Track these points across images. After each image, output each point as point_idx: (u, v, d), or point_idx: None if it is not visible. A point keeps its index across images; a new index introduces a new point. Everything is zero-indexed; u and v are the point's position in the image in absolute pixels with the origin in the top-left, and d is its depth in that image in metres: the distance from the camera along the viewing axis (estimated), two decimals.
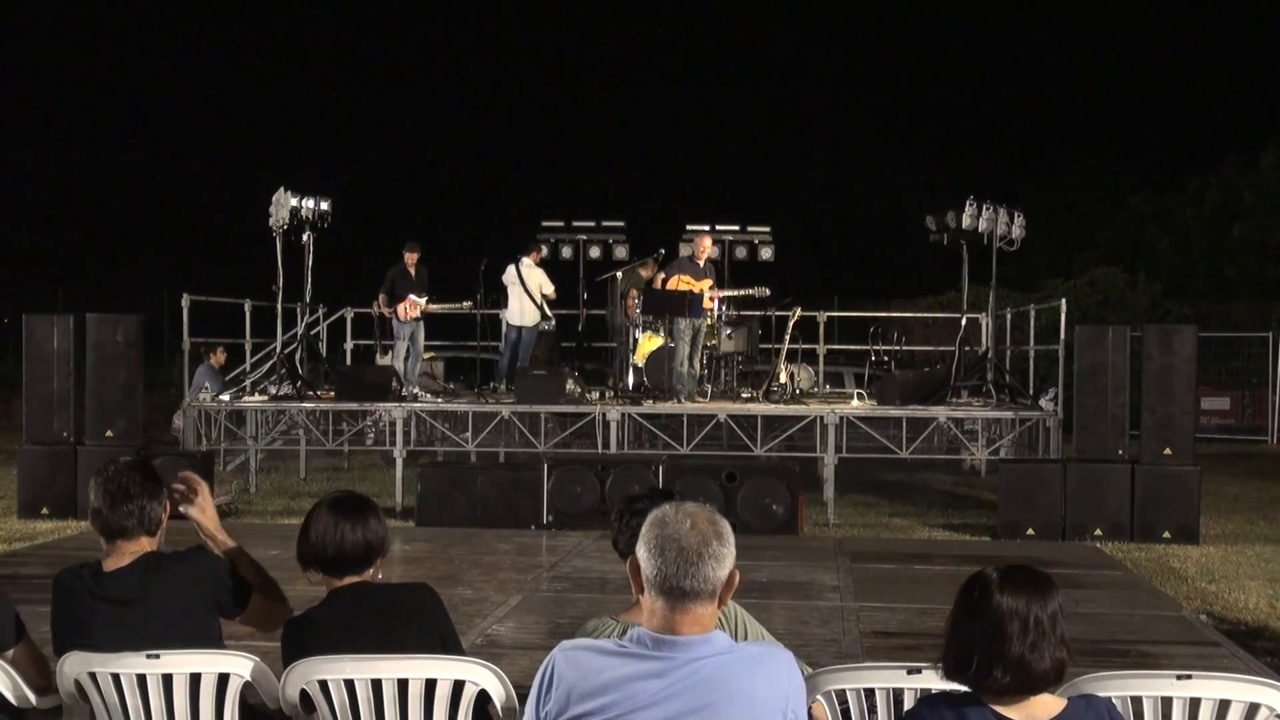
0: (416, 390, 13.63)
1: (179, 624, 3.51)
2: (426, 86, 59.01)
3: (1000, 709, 2.56)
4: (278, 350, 13.82)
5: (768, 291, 13.58)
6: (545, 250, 14.93)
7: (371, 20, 63.87)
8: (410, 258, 14.01)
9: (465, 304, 14.26)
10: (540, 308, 14.48)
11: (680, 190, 43.45)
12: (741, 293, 13.19)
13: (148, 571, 3.58)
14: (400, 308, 13.89)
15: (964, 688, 2.63)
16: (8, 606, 3.61)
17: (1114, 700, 2.93)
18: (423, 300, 14.02)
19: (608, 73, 60.16)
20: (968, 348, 13.81)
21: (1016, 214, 13.11)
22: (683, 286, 12.84)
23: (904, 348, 17.26)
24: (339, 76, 59.62)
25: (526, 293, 14.36)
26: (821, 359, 15.96)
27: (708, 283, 12.74)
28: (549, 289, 14.46)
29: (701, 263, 12.89)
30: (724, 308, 13.81)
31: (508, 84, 60.96)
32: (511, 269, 14.42)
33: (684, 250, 14.25)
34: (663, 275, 13.08)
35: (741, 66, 61.14)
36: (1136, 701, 3.17)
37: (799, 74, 60.98)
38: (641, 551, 2.60)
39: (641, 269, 14.34)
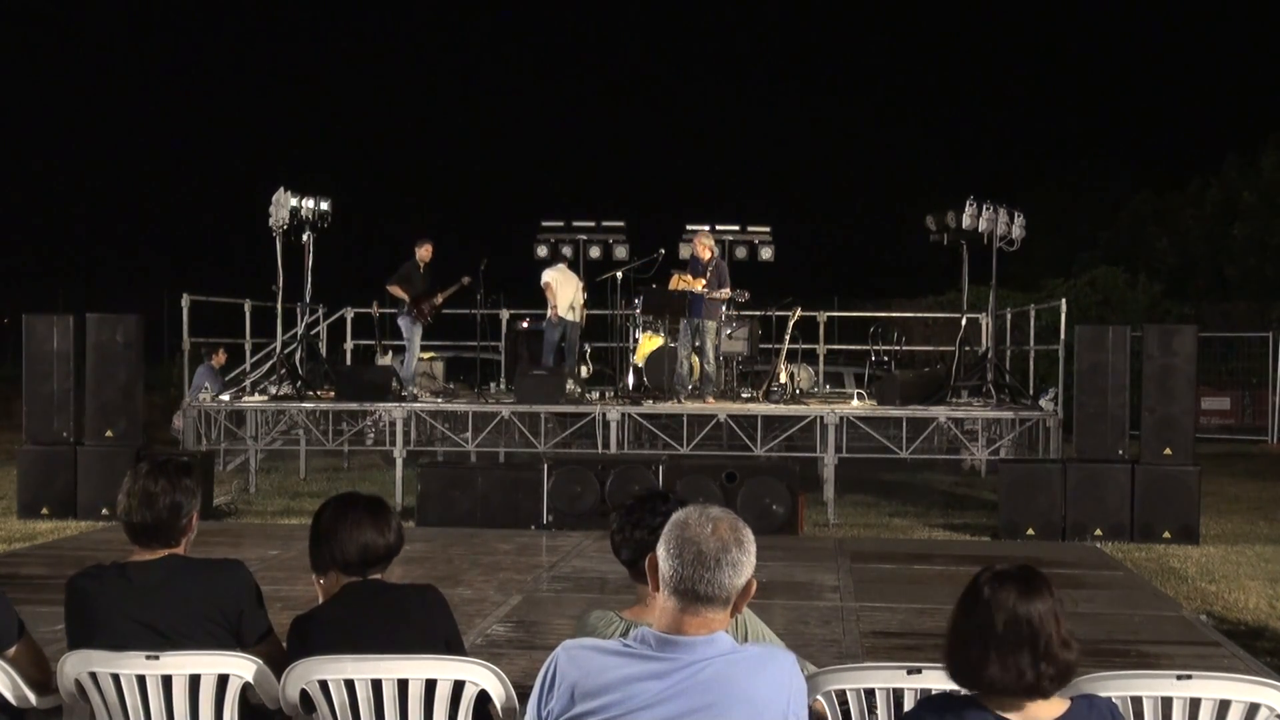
0: (416, 390, 13.65)
1: (193, 630, 3.51)
2: (427, 87, 59.03)
3: (1001, 712, 2.56)
4: (278, 350, 13.82)
5: (746, 295, 13.63)
6: (566, 251, 14.92)
7: (371, 21, 63.90)
8: (423, 253, 14.07)
9: (465, 279, 14.29)
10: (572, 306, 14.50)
11: (680, 190, 43.49)
12: (721, 294, 13.04)
13: (174, 571, 3.58)
14: (423, 308, 13.98)
15: (967, 689, 2.63)
16: (7, 605, 3.61)
17: (1114, 700, 2.92)
18: (437, 301, 14.14)
19: (608, 73, 60.19)
20: (968, 348, 13.82)
21: (1016, 214, 13.11)
22: (682, 286, 12.89)
23: (904, 348, 17.26)
24: (339, 76, 59.65)
25: (575, 291, 14.33)
26: (821, 359, 15.97)
27: (700, 282, 12.75)
28: (583, 294, 14.50)
29: (704, 260, 12.87)
30: (724, 308, 13.80)
31: (508, 84, 61.00)
32: (560, 270, 14.37)
33: (684, 250, 14.27)
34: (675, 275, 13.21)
35: (742, 67, 61.17)
36: (1136, 701, 3.17)
37: (799, 74, 61.00)
38: (661, 551, 2.61)
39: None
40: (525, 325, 15.23)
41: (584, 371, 14.49)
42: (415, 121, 56.59)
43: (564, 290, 14.23)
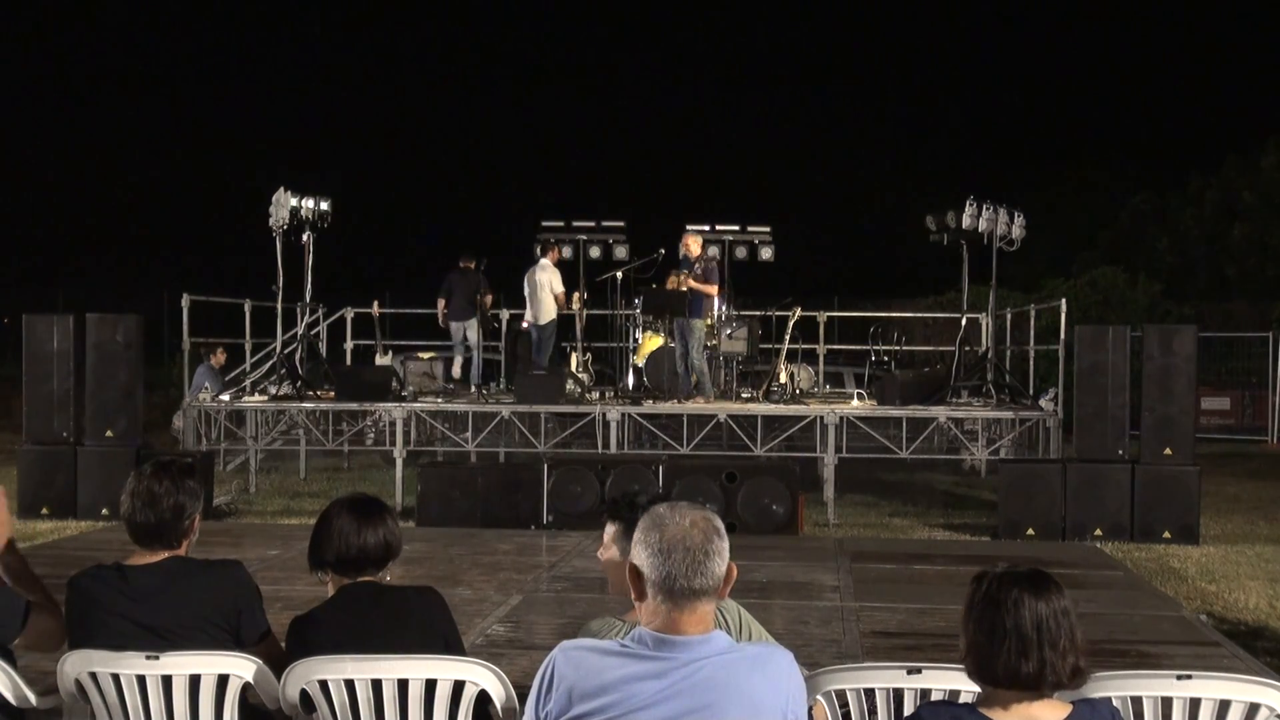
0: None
1: (193, 633, 3.51)
2: (426, 87, 59.04)
3: (1001, 715, 2.56)
4: (278, 350, 13.82)
5: (736, 313, 13.96)
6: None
7: (372, 20, 63.90)
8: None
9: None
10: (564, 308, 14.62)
11: (680, 190, 43.47)
12: (706, 289, 12.94)
13: (174, 573, 3.58)
14: None
15: (973, 689, 2.63)
16: (13, 598, 3.61)
17: (1114, 700, 2.93)
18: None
19: (608, 73, 60.19)
20: (968, 348, 13.80)
21: (1016, 214, 13.11)
22: (676, 284, 12.94)
23: (904, 348, 17.27)
24: (339, 76, 59.66)
25: (540, 292, 14.47)
26: (821, 359, 15.96)
27: (688, 277, 12.77)
28: (559, 289, 14.54)
29: (694, 256, 12.89)
30: (724, 308, 13.81)
31: (508, 84, 61.00)
32: (532, 269, 14.54)
33: (684, 250, 14.26)
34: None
35: (742, 66, 61.15)
36: (1136, 701, 3.17)
37: (800, 74, 60.99)
38: (643, 555, 2.60)
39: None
40: (525, 325, 15.24)
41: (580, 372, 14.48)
42: (415, 121, 56.60)
43: (530, 293, 14.50)
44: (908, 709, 3.17)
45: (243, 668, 3.40)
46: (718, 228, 15.07)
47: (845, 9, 62.79)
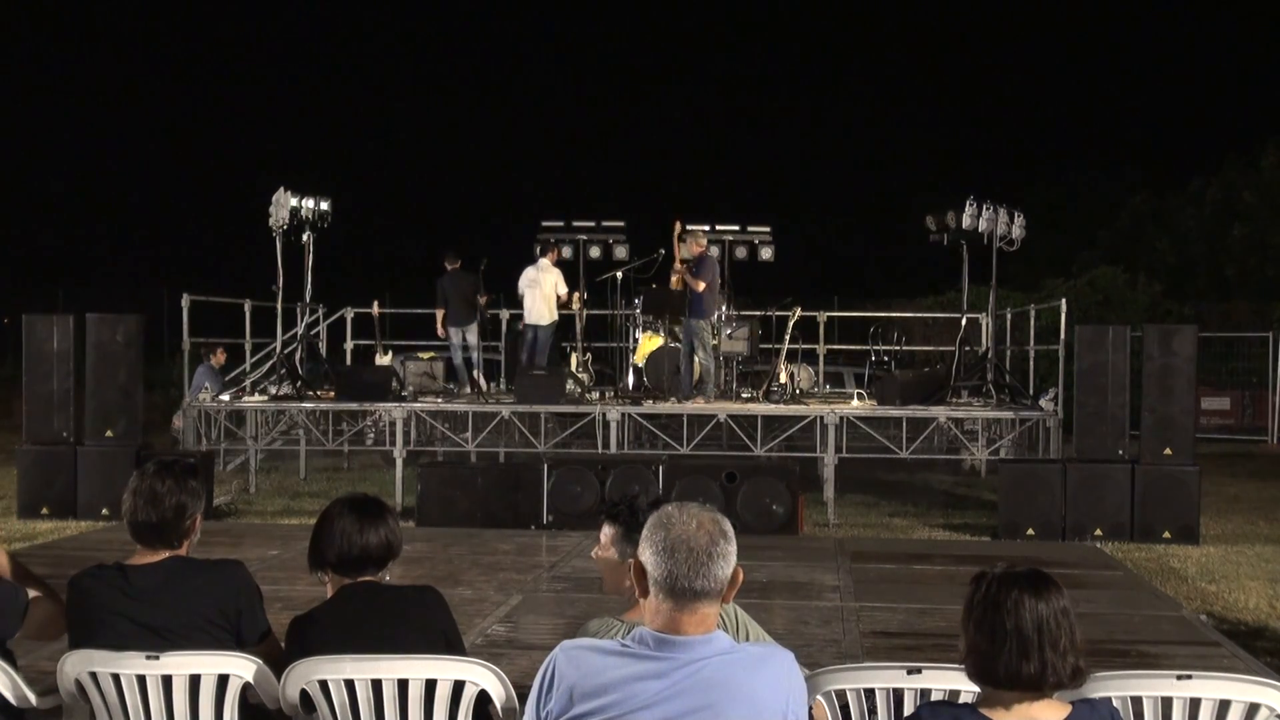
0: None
1: (193, 632, 3.51)
2: (427, 86, 59.04)
3: (1001, 715, 2.56)
4: (278, 350, 13.82)
5: (735, 313, 13.87)
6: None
7: (372, 20, 63.90)
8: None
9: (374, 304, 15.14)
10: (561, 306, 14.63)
11: (680, 190, 43.49)
12: (696, 285, 12.87)
13: (174, 573, 3.59)
14: None
15: (973, 689, 2.63)
16: (13, 592, 3.62)
17: (1114, 700, 2.92)
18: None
19: (607, 72, 60.19)
20: (968, 348, 13.81)
21: (1016, 214, 13.11)
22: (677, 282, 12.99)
23: (904, 348, 17.27)
24: (339, 76, 59.67)
25: (543, 293, 14.44)
26: (821, 359, 15.96)
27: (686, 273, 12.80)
28: (563, 290, 14.51)
29: (692, 255, 12.91)
30: (723, 308, 13.81)
31: (508, 84, 61.01)
32: (529, 270, 14.48)
33: (682, 251, 14.26)
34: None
35: (742, 66, 61.15)
36: (1136, 701, 3.17)
37: (800, 74, 61.00)
38: (647, 553, 2.60)
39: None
40: (523, 326, 15.26)
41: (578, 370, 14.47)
42: (415, 121, 56.64)
43: (532, 293, 14.39)
44: (908, 709, 3.17)
45: (243, 668, 3.40)
46: (718, 228, 15.06)
47: (846, 9, 62.80)
